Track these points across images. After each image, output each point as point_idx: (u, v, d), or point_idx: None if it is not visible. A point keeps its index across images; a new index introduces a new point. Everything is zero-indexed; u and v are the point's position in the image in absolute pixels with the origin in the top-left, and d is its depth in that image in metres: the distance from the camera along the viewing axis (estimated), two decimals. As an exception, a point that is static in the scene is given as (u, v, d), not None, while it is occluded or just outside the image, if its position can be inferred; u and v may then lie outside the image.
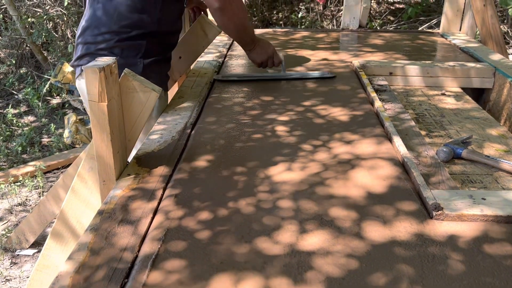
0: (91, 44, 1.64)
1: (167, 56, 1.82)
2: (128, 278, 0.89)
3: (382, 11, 5.99)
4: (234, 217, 1.07)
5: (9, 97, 4.94)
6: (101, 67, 1.12)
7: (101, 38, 1.62)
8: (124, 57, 1.62)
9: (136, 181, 1.22)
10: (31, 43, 5.11)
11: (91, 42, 1.64)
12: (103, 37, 1.62)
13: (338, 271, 0.90)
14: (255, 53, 2.00)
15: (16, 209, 3.01)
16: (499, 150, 1.52)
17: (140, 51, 1.65)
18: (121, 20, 1.62)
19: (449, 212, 1.05)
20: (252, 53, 2.00)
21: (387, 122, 1.54)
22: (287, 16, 6.06)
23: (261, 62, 2.02)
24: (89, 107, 1.16)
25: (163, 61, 1.78)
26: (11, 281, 2.39)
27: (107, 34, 1.62)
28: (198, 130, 1.55)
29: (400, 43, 2.86)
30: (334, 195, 1.16)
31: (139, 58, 1.65)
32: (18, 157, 3.71)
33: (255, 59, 2.02)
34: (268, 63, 2.04)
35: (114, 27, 1.62)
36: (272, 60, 2.03)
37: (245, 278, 0.88)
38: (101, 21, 1.63)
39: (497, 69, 2.16)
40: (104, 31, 1.62)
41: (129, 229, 1.03)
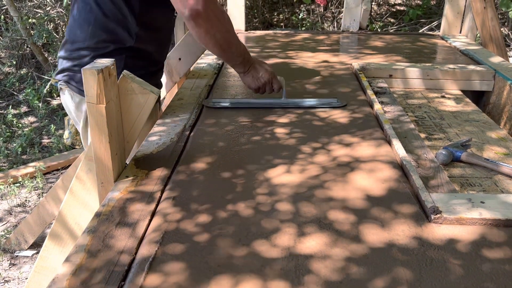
0: (69, 59, 1.55)
1: (153, 70, 1.72)
2: (125, 281, 0.88)
3: (383, 13, 6.00)
4: (233, 220, 1.07)
5: (9, 97, 4.94)
6: (100, 69, 1.12)
7: (77, 54, 1.53)
8: None
9: (134, 183, 1.22)
10: (32, 44, 5.11)
11: (69, 57, 1.55)
12: (79, 53, 1.53)
13: (336, 275, 0.89)
14: (249, 77, 1.70)
15: (15, 210, 3.00)
16: (499, 153, 1.52)
17: (119, 67, 1.43)
18: (96, 35, 1.51)
19: (448, 216, 1.05)
20: (247, 76, 1.70)
21: (386, 125, 1.53)
22: (287, 17, 6.07)
23: (257, 88, 1.72)
24: (87, 108, 1.16)
25: (148, 75, 1.56)
26: (9, 282, 2.38)
27: (83, 50, 1.52)
28: (197, 132, 1.55)
29: (400, 45, 2.85)
30: (333, 198, 1.16)
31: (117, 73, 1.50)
32: (18, 158, 3.71)
33: (250, 85, 1.72)
34: (266, 89, 1.73)
35: (90, 43, 1.52)
36: (271, 85, 1.73)
37: (243, 281, 0.88)
38: (77, 36, 1.53)
39: (497, 72, 2.16)
40: (81, 47, 1.53)
41: (127, 231, 1.03)
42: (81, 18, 1.50)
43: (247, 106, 1.75)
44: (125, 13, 1.50)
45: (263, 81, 1.69)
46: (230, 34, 1.53)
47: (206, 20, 1.40)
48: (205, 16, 1.39)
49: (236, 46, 1.58)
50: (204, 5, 1.37)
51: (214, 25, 1.44)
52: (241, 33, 3.22)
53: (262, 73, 1.69)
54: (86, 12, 1.49)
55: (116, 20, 1.50)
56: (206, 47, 1.55)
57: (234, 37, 1.55)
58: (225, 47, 1.54)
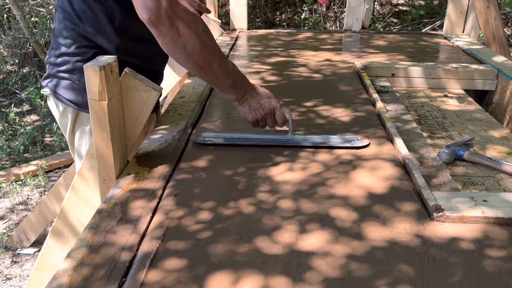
0: (54, 65, 1.49)
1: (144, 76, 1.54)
2: (126, 277, 0.88)
3: (386, 13, 5.99)
4: (234, 217, 1.07)
5: (12, 96, 4.95)
6: (102, 65, 1.12)
7: (60, 60, 1.46)
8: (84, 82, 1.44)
9: (136, 180, 1.22)
10: (34, 43, 5.12)
11: (53, 63, 1.48)
12: (62, 59, 1.46)
13: (338, 272, 0.89)
14: (245, 107, 1.37)
15: (17, 208, 3.01)
16: (501, 152, 1.51)
17: None
18: (77, 42, 1.43)
19: (450, 214, 1.04)
20: (242, 106, 1.37)
21: (388, 123, 1.53)
22: (290, 17, 6.07)
23: (255, 121, 1.39)
24: (89, 105, 1.16)
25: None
26: (11, 279, 2.39)
27: (66, 56, 1.45)
28: (199, 130, 1.55)
29: (403, 44, 2.85)
30: (335, 195, 1.15)
31: None
32: (20, 156, 3.72)
33: (247, 116, 1.38)
34: (267, 122, 1.39)
35: (71, 49, 1.44)
36: (273, 118, 1.39)
37: (244, 278, 0.88)
38: (58, 42, 1.46)
39: (500, 71, 2.15)
40: (63, 53, 1.45)
41: (128, 228, 1.03)
42: (62, 24, 1.45)
43: (245, 143, 1.42)
44: (104, 24, 1.40)
45: (263, 114, 1.36)
46: (207, 48, 1.20)
47: (170, 27, 1.12)
48: (167, 22, 1.11)
49: (220, 64, 1.26)
50: (166, 8, 1.09)
51: (182, 34, 1.14)
52: (243, 32, 3.22)
53: (261, 103, 1.36)
54: (67, 20, 1.43)
55: (95, 30, 1.41)
56: (178, 63, 1.26)
57: (213, 53, 1.23)
58: (202, 64, 1.23)
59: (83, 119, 1.49)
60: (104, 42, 1.42)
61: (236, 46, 2.83)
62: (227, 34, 3.15)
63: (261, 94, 1.36)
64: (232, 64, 1.31)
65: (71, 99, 1.47)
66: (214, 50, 1.24)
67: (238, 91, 1.34)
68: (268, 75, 2.18)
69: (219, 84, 1.31)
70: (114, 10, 1.37)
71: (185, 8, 1.13)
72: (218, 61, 1.25)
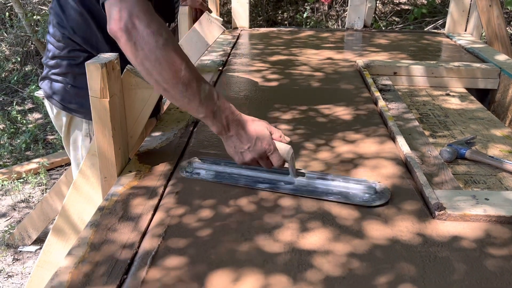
0: (48, 67, 1.50)
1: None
2: (127, 274, 0.88)
3: (388, 11, 5.98)
4: (235, 215, 1.07)
5: (14, 94, 4.95)
6: (103, 63, 1.12)
7: (53, 62, 1.47)
8: (77, 85, 1.43)
9: (138, 178, 1.22)
10: (36, 41, 5.12)
11: (48, 65, 1.50)
12: (54, 61, 1.47)
13: (339, 270, 0.89)
14: (231, 147, 1.15)
15: (19, 206, 3.01)
16: (503, 151, 1.51)
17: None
18: (69, 46, 1.44)
19: (452, 212, 1.04)
20: (227, 144, 1.15)
21: (390, 122, 1.53)
22: (292, 16, 6.06)
23: (244, 163, 1.16)
24: (91, 103, 1.16)
25: None
26: (13, 277, 2.39)
27: (58, 59, 1.46)
28: (200, 127, 1.55)
29: (405, 43, 2.84)
30: (336, 194, 1.15)
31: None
32: (22, 154, 3.72)
33: (233, 157, 1.16)
34: (261, 163, 1.15)
35: (63, 52, 1.45)
36: (267, 161, 1.15)
37: (245, 275, 0.88)
38: (52, 45, 1.48)
39: (502, 70, 2.15)
40: (55, 55, 1.47)
41: (130, 225, 1.03)
42: (55, 28, 1.45)
43: (235, 184, 1.18)
44: (94, 32, 1.41)
45: (251, 157, 1.13)
46: (166, 67, 1.03)
47: (128, 40, 1.02)
48: (125, 35, 1.02)
49: (187, 86, 1.06)
50: (125, 20, 1.01)
51: (139, 49, 1.02)
52: (245, 31, 3.22)
53: (248, 145, 1.12)
54: (59, 24, 1.44)
55: (85, 37, 1.42)
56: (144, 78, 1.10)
57: (175, 71, 1.04)
58: (165, 84, 1.05)
59: (77, 123, 1.50)
60: (94, 49, 1.42)
61: (237, 44, 2.83)
62: (229, 32, 3.15)
63: (249, 133, 1.11)
64: (208, 90, 1.09)
65: (64, 103, 1.48)
66: (176, 70, 1.04)
67: (215, 124, 1.11)
68: (270, 74, 2.18)
69: (190, 111, 1.12)
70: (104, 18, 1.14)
71: (147, 21, 1.02)
72: (184, 83, 1.05)
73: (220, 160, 1.28)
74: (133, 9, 1.01)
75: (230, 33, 3.13)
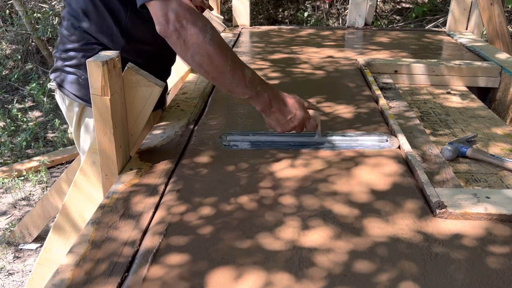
0: (61, 59, 1.52)
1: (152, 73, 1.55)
2: (128, 272, 0.88)
3: (388, 10, 5.97)
4: (236, 213, 1.07)
5: (14, 92, 4.95)
6: (104, 61, 1.12)
7: (67, 55, 1.49)
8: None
9: (139, 176, 1.22)
10: (37, 39, 5.12)
11: (60, 57, 1.52)
12: (68, 54, 1.49)
13: (340, 268, 0.89)
14: (273, 120, 1.32)
15: (19, 204, 3.01)
16: (504, 149, 1.51)
17: None
18: (84, 39, 1.46)
19: (453, 210, 1.04)
20: (270, 118, 1.32)
21: (391, 120, 1.53)
22: (292, 14, 6.05)
23: (284, 132, 1.35)
24: (92, 100, 1.16)
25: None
26: (14, 275, 2.39)
27: (72, 52, 1.48)
28: (201, 126, 1.55)
29: (406, 41, 2.84)
30: (337, 192, 1.15)
31: None
32: (23, 152, 3.72)
33: (275, 129, 1.34)
34: (297, 130, 1.34)
35: (77, 45, 1.47)
36: (302, 127, 1.34)
37: (246, 273, 0.88)
38: (66, 38, 1.49)
39: (503, 68, 2.15)
40: (69, 48, 1.48)
41: (131, 223, 1.03)
42: (69, 21, 1.47)
43: (272, 147, 1.39)
44: (110, 24, 1.42)
45: (292, 126, 1.32)
46: (214, 59, 1.18)
47: (177, 39, 1.15)
48: (175, 35, 1.15)
49: (233, 75, 1.22)
50: (173, 21, 1.13)
51: (188, 48, 1.16)
52: (245, 29, 3.21)
53: (290, 116, 1.30)
54: (73, 17, 1.45)
55: (100, 30, 1.43)
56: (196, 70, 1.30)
57: (222, 63, 1.20)
58: (213, 74, 1.21)
59: (88, 113, 1.50)
60: (109, 42, 1.44)
61: (238, 42, 2.83)
62: (230, 30, 3.14)
63: (289, 107, 1.30)
64: (251, 74, 1.25)
65: (76, 94, 1.48)
66: (224, 61, 1.20)
67: (260, 103, 1.28)
68: (271, 72, 2.18)
69: (237, 94, 1.26)
70: (120, 12, 1.39)
71: (193, 20, 1.14)
72: (232, 72, 1.21)
73: (247, 131, 1.49)
74: (178, 9, 1.12)
75: (231, 31, 3.13)
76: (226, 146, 1.39)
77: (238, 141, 1.43)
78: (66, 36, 1.48)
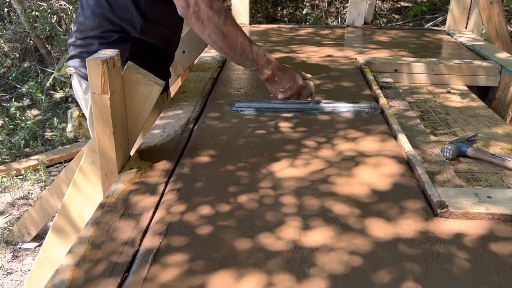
0: (77, 47, 1.62)
1: (161, 59, 1.73)
2: (128, 272, 0.88)
3: (387, 8, 5.97)
4: (237, 213, 1.06)
5: (12, 90, 4.94)
6: (104, 59, 1.11)
7: (85, 42, 1.59)
8: None
9: (138, 175, 1.21)
10: (35, 37, 5.10)
11: (77, 45, 1.62)
12: (86, 41, 1.59)
13: (341, 268, 0.89)
14: (274, 88, 1.56)
15: (18, 203, 3.00)
16: (505, 148, 1.51)
17: (124, 55, 1.52)
18: (103, 26, 1.57)
19: (454, 210, 1.04)
20: (272, 87, 1.57)
21: (391, 119, 1.52)
22: (291, 12, 6.05)
23: (284, 99, 1.59)
24: (92, 99, 1.16)
25: (154, 64, 1.60)
26: (12, 274, 2.39)
27: (90, 39, 1.59)
28: (201, 125, 1.54)
29: (406, 40, 2.84)
30: (338, 192, 1.15)
31: (123, 61, 1.46)
32: (21, 151, 3.71)
33: (276, 96, 1.59)
34: (293, 98, 1.59)
35: (96, 32, 1.58)
36: (299, 95, 1.59)
37: (247, 273, 0.87)
38: (84, 26, 1.60)
39: (503, 67, 2.14)
40: (88, 36, 1.59)
41: (131, 223, 1.02)
42: (89, 9, 1.57)
43: (274, 112, 1.62)
44: (130, 8, 1.55)
45: (291, 93, 1.56)
46: (228, 38, 1.43)
47: (196, 20, 1.41)
48: (194, 17, 1.40)
49: (243, 51, 1.47)
50: (193, 5, 1.38)
51: (206, 27, 1.41)
52: (245, 27, 3.20)
53: (290, 84, 1.54)
54: (95, 4, 1.56)
55: (120, 13, 1.55)
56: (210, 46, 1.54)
57: (234, 41, 1.45)
58: (227, 50, 1.47)
59: None
60: (128, 25, 1.56)
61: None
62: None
63: (289, 76, 1.54)
64: (257, 49, 1.50)
65: None
66: (236, 40, 1.45)
67: (265, 74, 1.52)
68: (270, 70, 2.17)
69: (246, 67, 1.53)
70: None
71: (210, 4, 1.38)
72: (242, 48, 1.46)
73: (252, 100, 1.72)
74: None
75: (230, 29, 3.11)
76: (235, 111, 1.63)
77: (244, 107, 1.66)
78: (83, 24, 1.58)
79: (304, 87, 1.57)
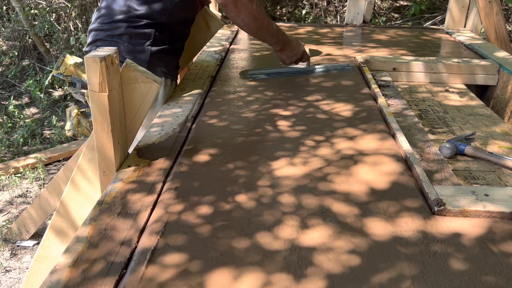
0: (102, 31, 1.70)
1: (177, 47, 1.84)
2: (126, 271, 0.88)
3: (386, 7, 5.96)
4: (234, 211, 1.06)
5: (11, 89, 4.93)
6: (102, 57, 1.11)
7: (111, 26, 1.69)
8: (132, 44, 1.69)
9: (136, 173, 1.21)
10: (34, 35, 5.09)
11: (102, 29, 1.70)
12: (112, 25, 1.69)
13: (339, 267, 0.89)
14: (284, 55, 2.00)
15: (16, 201, 3.00)
16: (503, 147, 1.51)
17: (148, 39, 1.69)
18: (131, 12, 1.68)
19: (452, 208, 1.04)
20: (282, 54, 2.00)
21: (390, 118, 1.52)
22: (290, 11, 6.04)
23: (290, 63, 2.03)
24: (90, 97, 1.15)
25: (172, 51, 1.79)
26: (10, 272, 2.39)
27: (117, 23, 1.68)
28: (200, 123, 1.54)
29: (404, 39, 2.84)
30: (336, 190, 1.15)
31: (147, 45, 1.69)
32: (19, 149, 3.71)
33: (285, 61, 2.02)
34: (296, 62, 2.04)
35: (125, 17, 1.68)
36: (300, 59, 2.04)
37: (244, 272, 0.87)
38: (112, 11, 1.70)
39: (501, 66, 2.14)
40: (115, 20, 1.69)
41: (128, 221, 1.02)
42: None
43: (281, 76, 2.04)
44: None
45: (296, 58, 2.01)
46: (257, 20, 1.81)
47: (234, 8, 1.73)
48: (233, 6, 1.72)
49: (267, 29, 1.86)
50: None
51: (241, 13, 1.75)
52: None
53: (295, 51, 1.99)
54: None
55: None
56: (241, 29, 1.90)
57: (262, 23, 1.83)
58: (255, 30, 1.85)
59: None
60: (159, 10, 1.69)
61: (236, 39, 2.82)
62: (228, 27, 3.13)
63: (294, 46, 1.99)
64: (276, 27, 1.91)
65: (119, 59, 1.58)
66: (263, 21, 1.84)
67: (279, 44, 1.95)
68: (269, 69, 2.17)
69: (266, 41, 1.95)
70: None
71: None
72: (266, 27, 1.86)
73: (262, 69, 2.13)
74: None
75: (229, 28, 3.12)
76: (249, 76, 2.02)
77: (256, 74, 2.04)
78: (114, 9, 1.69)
79: (303, 53, 2.02)
